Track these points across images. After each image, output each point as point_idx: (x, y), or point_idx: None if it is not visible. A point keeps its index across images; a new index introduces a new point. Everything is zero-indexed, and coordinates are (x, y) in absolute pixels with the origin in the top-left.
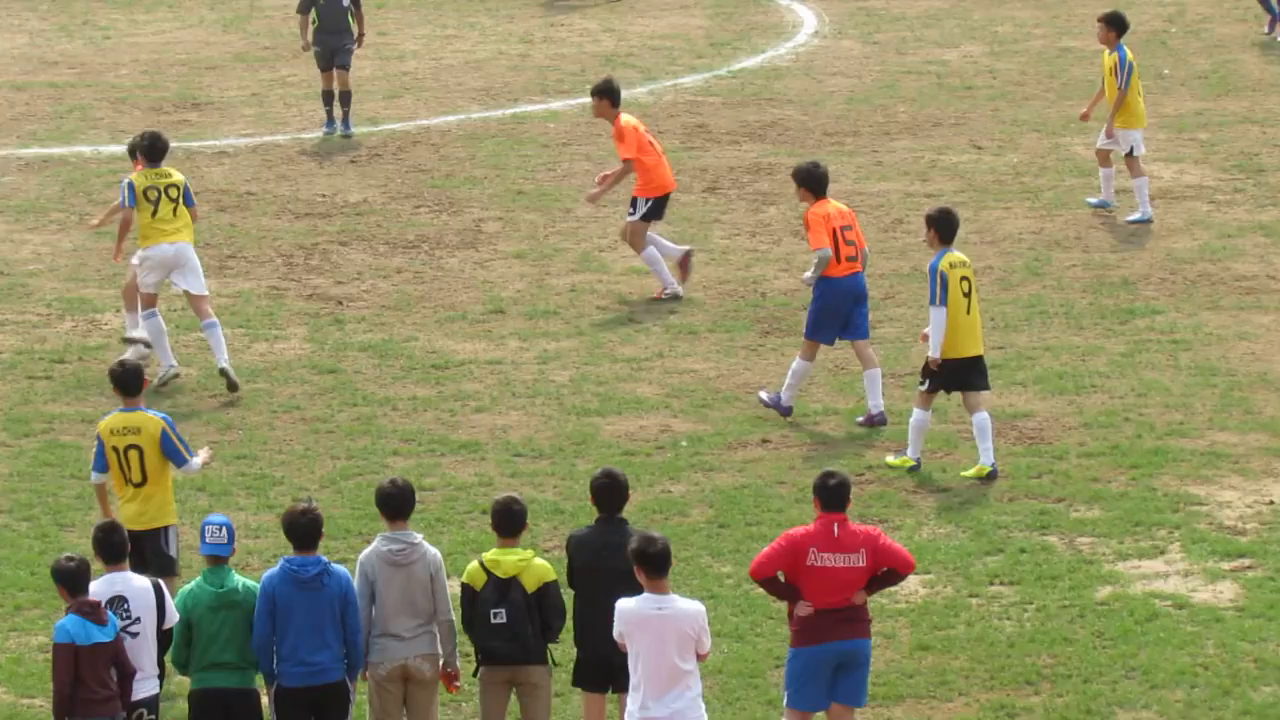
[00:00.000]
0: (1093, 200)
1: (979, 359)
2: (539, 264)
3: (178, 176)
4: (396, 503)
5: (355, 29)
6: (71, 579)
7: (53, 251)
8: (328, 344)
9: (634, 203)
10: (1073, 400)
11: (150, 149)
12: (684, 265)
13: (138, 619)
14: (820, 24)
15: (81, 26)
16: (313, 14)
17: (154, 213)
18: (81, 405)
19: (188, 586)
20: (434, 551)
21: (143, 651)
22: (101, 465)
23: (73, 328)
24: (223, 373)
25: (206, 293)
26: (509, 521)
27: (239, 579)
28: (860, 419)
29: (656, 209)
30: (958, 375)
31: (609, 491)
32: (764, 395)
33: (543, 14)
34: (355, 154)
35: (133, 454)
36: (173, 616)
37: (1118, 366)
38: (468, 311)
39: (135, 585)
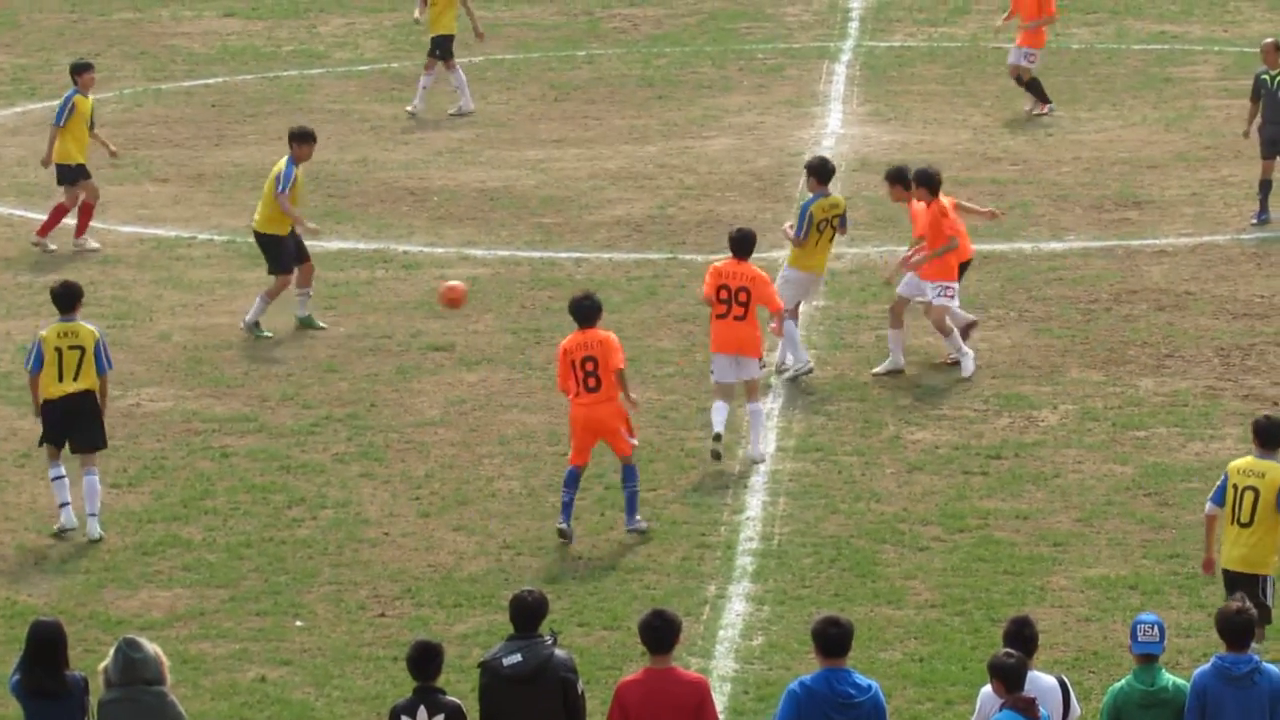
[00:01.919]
0: None
1: None
2: None
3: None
4: None
5: None
6: (1010, 675)
7: (991, 347)
8: None
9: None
10: None
11: (819, 170)
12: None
13: (1046, 716)
14: None
15: (1025, 123)
16: (1260, 103)
17: (817, 242)
18: (1016, 501)
19: (1118, 685)
20: None
21: None
22: None
23: (1009, 424)
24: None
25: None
26: None
27: (1169, 677)
28: None
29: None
30: None
31: None
32: None
33: None
34: None
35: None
36: (1074, 711)
37: None
38: None
39: (1043, 684)
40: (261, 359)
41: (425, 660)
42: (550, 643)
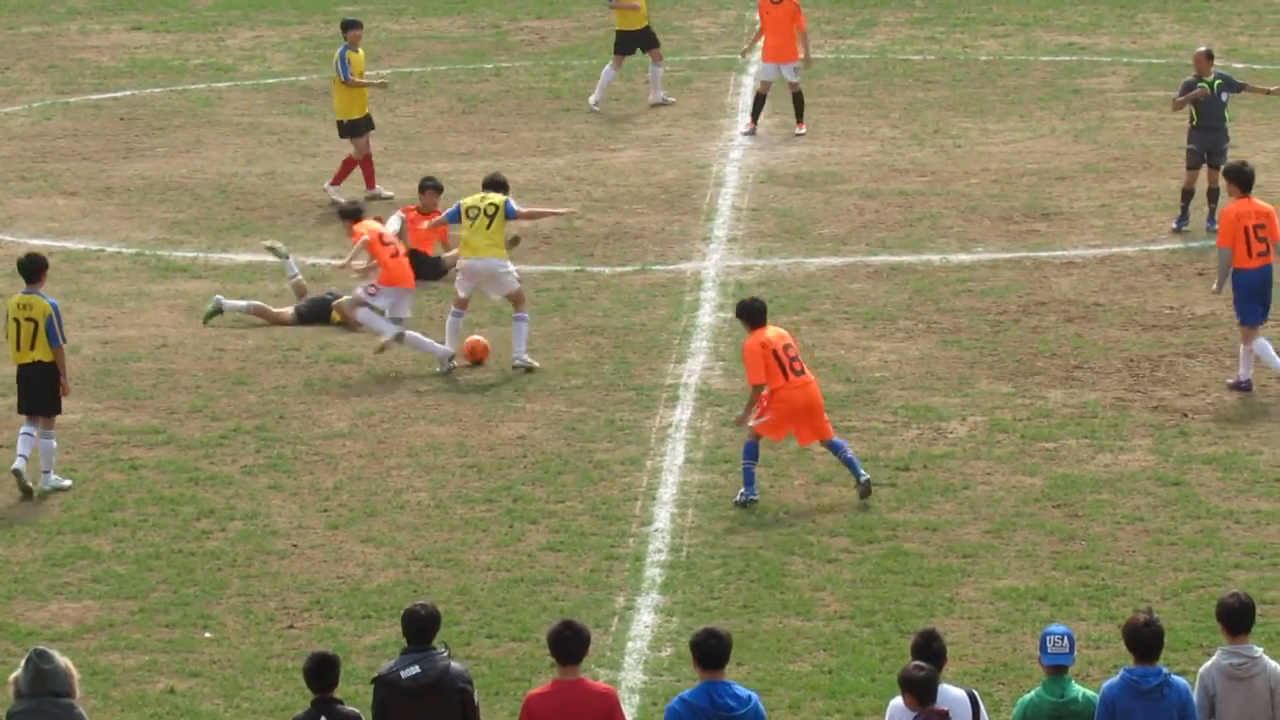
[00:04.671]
0: None
1: None
2: None
3: (496, 198)
4: (1237, 616)
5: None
6: (922, 688)
7: (900, 359)
8: (1172, 456)
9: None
10: None
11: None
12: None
13: None
14: None
15: (933, 135)
16: (1191, 111)
17: (471, 228)
18: (925, 513)
19: (1027, 696)
20: (1276, 666)
21: None
22: None
23: (918, 435)
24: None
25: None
26: None
27: (1079, 689)
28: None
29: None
30: None
31: None
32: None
33: None
34: (1203, 266)
35: None
36: None
37: None
38: None
39: (952, 696)
40: (170, 371)
41: (323, 670)
42: (445, 654)
